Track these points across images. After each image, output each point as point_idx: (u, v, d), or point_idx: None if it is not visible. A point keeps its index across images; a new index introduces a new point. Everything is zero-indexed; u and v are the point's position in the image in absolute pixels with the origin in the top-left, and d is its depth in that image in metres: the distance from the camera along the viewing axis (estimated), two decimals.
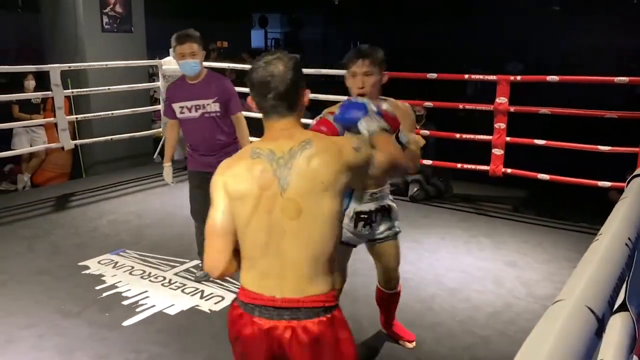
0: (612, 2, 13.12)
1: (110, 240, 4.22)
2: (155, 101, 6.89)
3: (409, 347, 2.80)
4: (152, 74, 7.40)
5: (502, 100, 4.70)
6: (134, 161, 6.42)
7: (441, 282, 3.55)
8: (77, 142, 5.86)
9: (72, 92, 5.60)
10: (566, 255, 3.97)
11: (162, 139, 6.18)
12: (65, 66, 5.35)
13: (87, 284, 3.47)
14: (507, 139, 4.75)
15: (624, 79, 4.36)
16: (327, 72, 6.36)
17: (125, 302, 3.24)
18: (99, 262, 3.79)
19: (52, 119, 5.52)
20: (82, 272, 3.64)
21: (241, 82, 4.97)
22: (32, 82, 6.03)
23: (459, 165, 5.00)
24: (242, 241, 1.53)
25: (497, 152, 4.78)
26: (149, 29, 6.62)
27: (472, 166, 4.96)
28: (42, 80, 5.97)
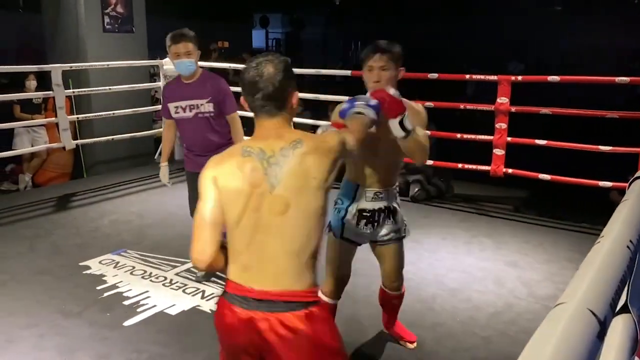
0: (612, 2, 13.10)
1: (111, 240, 4.23)
2: (156, 101, 6.89)
3: (410, 347, 2.80)
4: (153, 74, 7.41)
5: (503, 100, 4.70)
6: (135, 161, 6.42)
7: (442, 283, 3.55)
8: (79, 142, 5.86)
9: (74, 92, 5.60)
10: (567, 255, 3.98)
11: None
12: (66, 66, 5.34)
13: (88, 284, 3.47)
14: (508, 139, 4.75)
15: (625, 79, 4.35)
16: (327, 72, 6.37)
17: (126, 302, 3.25)
18: (100, 262, 3.80)
19: (53, 119, 5.52)
20: (83, 272, 3.65)
21: None
22: (33, 82, 6.04)
23: (460, 165, 5.00)
24: (230, 237, 1.58)
25: (498, 152, 4.77)
26: (150, 29, 6.61)
27: (473, 166, 4.96)
28: (44, 80, 5.98)
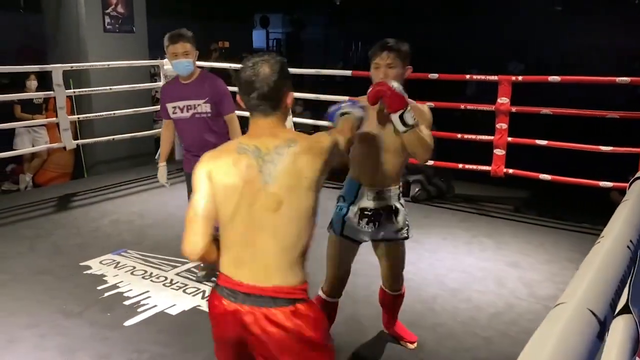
0: (612, 2, 13.09)
1: (112, 240, 4.23)
2: (156, 101, 6.87)
3: (410, 347, 2.80)
4: (153, 74, 7.41)
5: (503, 100, 4.70)
6: (135, 161, 6.42)
7: (442, 283, 3.55)
8: (79, 142, 5.86)
9: (74, 92, 5.60)
10: (568, 255, 3.97)
11: None
12: (67, 66, 5.34)
13: (88, 284, 3.47)
14: (509, 139, 4.75)
15: (626, 79, 4.35)
16: (327, 72, 6.37)
17: (126, 302, 3.25)
18: (100, 262, 3.80)
19: (54, 119, 5.51)
20: (84, 272, 3.65)
21: None
22: (34, 82, 6.04)
23: (460, 165, 5.00)
24: (223, 231, 1.61)
25: (499, 152, 4.77)
26: (150, 29, 6.61)
27: (474, 166, 4.96)
28: (44, 80, 5.98)
